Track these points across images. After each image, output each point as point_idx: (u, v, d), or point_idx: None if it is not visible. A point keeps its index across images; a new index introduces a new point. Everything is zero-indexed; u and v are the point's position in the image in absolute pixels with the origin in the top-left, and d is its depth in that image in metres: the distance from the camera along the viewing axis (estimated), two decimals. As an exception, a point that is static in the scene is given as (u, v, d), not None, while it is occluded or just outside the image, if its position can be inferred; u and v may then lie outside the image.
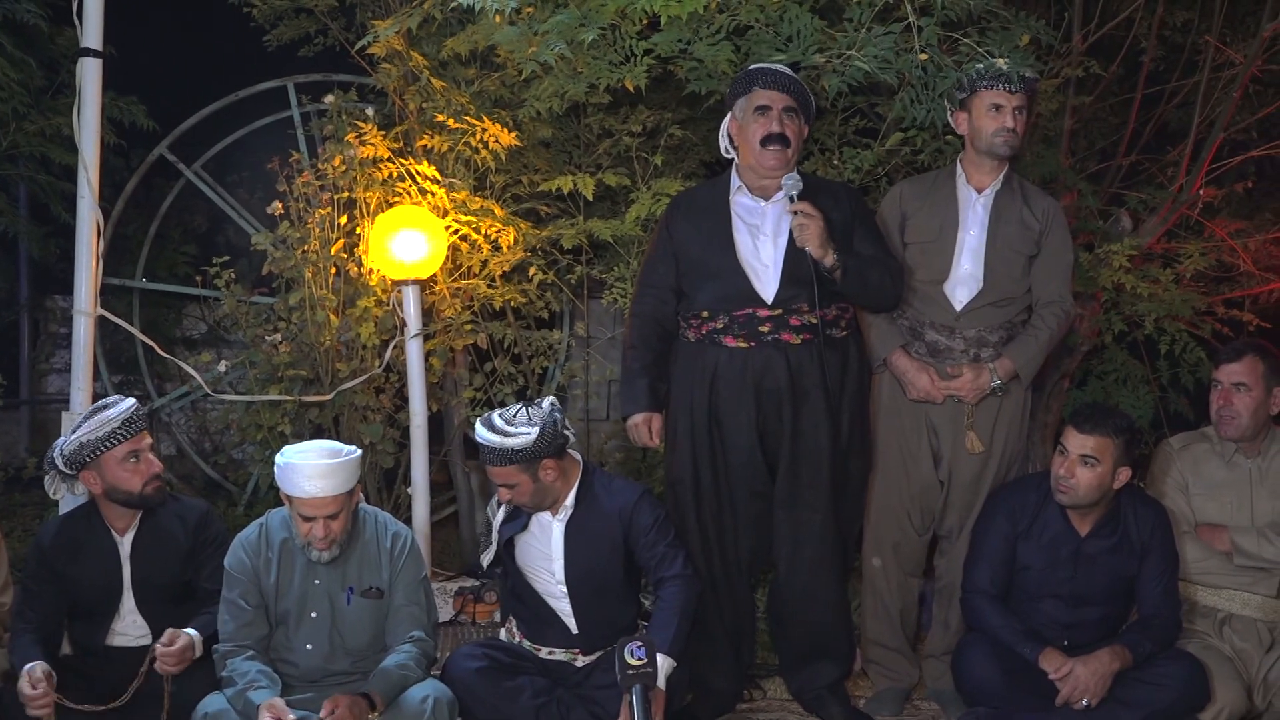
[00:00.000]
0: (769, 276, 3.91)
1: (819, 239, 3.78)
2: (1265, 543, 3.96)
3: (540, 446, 3.67)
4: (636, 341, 4.04)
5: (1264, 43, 4.63)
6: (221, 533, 3.88)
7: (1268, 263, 5.00)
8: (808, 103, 3.95)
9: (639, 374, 4.01)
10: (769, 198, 3.95)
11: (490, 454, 3.69)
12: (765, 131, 3.86)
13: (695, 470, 4.00)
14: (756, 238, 3.94)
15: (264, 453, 4.99)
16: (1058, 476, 3.82)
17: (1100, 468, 3.78)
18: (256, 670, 3.51)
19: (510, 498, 3.76)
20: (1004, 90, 3.90)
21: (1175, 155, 5.05)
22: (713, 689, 4.08)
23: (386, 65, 4.89)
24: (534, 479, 3.71)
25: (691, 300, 3.99)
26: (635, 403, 4.01)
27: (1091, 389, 5.08)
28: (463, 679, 3.68)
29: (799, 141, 3.93)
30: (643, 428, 4.00)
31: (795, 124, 3.89)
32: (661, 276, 4.04)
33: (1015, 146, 3.98)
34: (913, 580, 4.26)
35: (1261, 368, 4.00)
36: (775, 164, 3.87)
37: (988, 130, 3.96)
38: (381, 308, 4.84)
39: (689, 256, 3.99)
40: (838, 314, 3.97)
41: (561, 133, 5.15)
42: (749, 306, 3.90)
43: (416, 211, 4.62)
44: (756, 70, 3.91)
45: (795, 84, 3.89)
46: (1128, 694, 3.74)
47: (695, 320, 3.98)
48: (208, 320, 6.69)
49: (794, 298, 3.89)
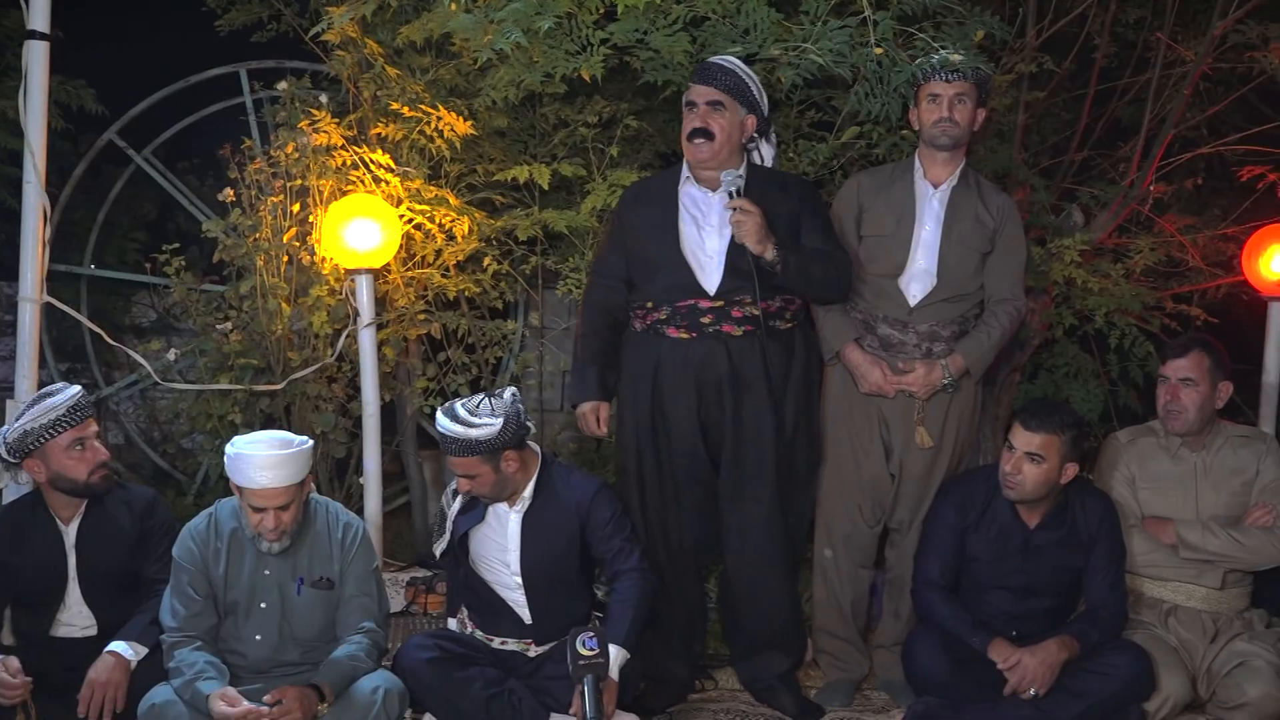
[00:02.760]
0: (712, 268, 3.93)
1: (756, 235, 3.80)
2: (1209, 536, 4.00)
3: (503, 438, 3.66)
4: (587, 330, 4.06)
5: (1214, 41, 4.69)
6: (168, 520, 3.84)
7: (1215, 259, 5.05)
8: (745, 94, 3.94)
9: (588, 362, 4.03)
10: (716, 189, 3.96)
11: (452, 444, 3.66)
12: (689, 127, 3.91)
13: (640, 460, 4.03)
14: (701, 229, 3.96)
15: (214, 442, 4.95)
16: (1004, 473, 3.85)
17: (1046, 464, 3.80)
18: (204, 661, 3.48)
19: (470, 488, 3.75)
20: (940, 80, 3.91)
21: (1126, 151, 5.09)
22: (665, 679, 4.09)
23: (340, 52, 4.86)
24: (495, 470, 3.70)
25: (639, 290, 4.02)
26: (584, 391, 4.03)
27: (1042, 382, 5.12)
28: (414, 669, 3.66)
29: (732, 134, 3.93)
30: (590, 416, 4.02)
31: (724, 117, 3.90)
32: (613, 266, 4.06)
33: (956, 137, 3.98)
34: (863, 571, 4.27)
35: (1208, 363, 4.04)
36: (702, 156, 3.91)
37: (927, 121, 3.98)
38: (334, 296, 4.81)
39: (637, 246, 4.01)
40: (782, 306, 3.98)
41: (517, 122, 5.13)
42: (691, 297, 3.92)
43: (370, 200, 4.59)
44: (698, 65, 3.96)
45: (727, 77, 3.90)
46: (1075, 683, 3.77)
47: (642, 311, 4.01)
48: (157, 308, 6.63)
49: (737, 289, 3.90)
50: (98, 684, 3.48)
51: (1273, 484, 4.08)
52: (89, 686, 3.48)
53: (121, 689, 3.51)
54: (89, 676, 3.49)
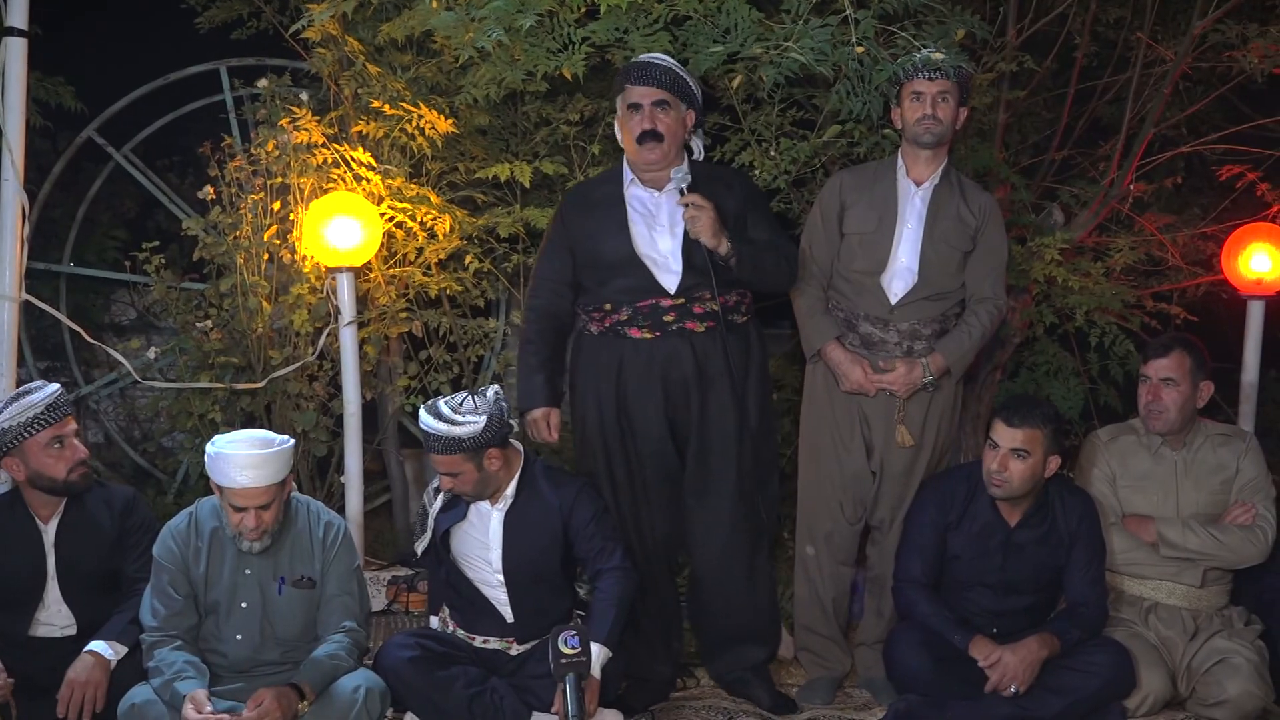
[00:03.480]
0: (670, 267, 3.93)
1: (711, 229, 3.80)
2: (1190, 534, 4.02)
3: (487, 435, 3.66)
4: (533, 336, 4.05)
5: (1194, 40, 4.69)
6: (149, 519, 3.83)
7: (1195, 257, 5.06)
8: (686, 91, 3.93)
9: (536, 369, 4.02)
10: (662, 188, 3.97)
11: (435, 442, 3.66)
12: (639, 129, 3.89)
13: (608, 463, 4.03)
14: (653, 229, 3.96)
15: (194, 441, 4.94)
16: (990, 471, 3.86)
17: (1032, 458, 3.82)
18: (184, 660, 3.47)
19: (453, 486, 3.74)
20: (923, 78, 3.92)
21: (1107, 150, 5.09)
22: (647, 678, 4.10)
23: (321, 50, 4.84)
24: (479, 468, 3.69)
25: (594, 294, 4.01)
26: (533, 398, 4.01)
27: (1023, 380, 5.13)
28: (395, 668, 3.66)
29: (678, 132, 3.93)
30: (541, 423, 4.02)
31: (670, 115, 3.90)
32: (557, 270, 4.05)
33: (940, 135, 3.98)
34: (845, 569, 4.28)
35: (1189, 363, 4.05)
36: (653, 158, 3.91)
37: (910, 119, 3.98)
38: (315, 295, 4.80)
39: (586, 250, 4.00)
40: (738, 300, 4.01)
41: (498, 120, 5.11)
42: (652, 297, 3.93)
43: (351, 198, 4.58)
44: (629, 66, 3.94)
45: (666, 75, 3.88)
46: (1055, 681, 3.79)
47: (598, 313, 4.00)
48: (137, 306, 6.59)
49: (696, 286, 3.92)
50: (77, 684, 3.47)
51: (1252, 482, 4.10)
52: (68, 686, 3.46)
53: (101, 688, 3.49)
54: (68, 676, 3.48)
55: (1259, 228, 4.76)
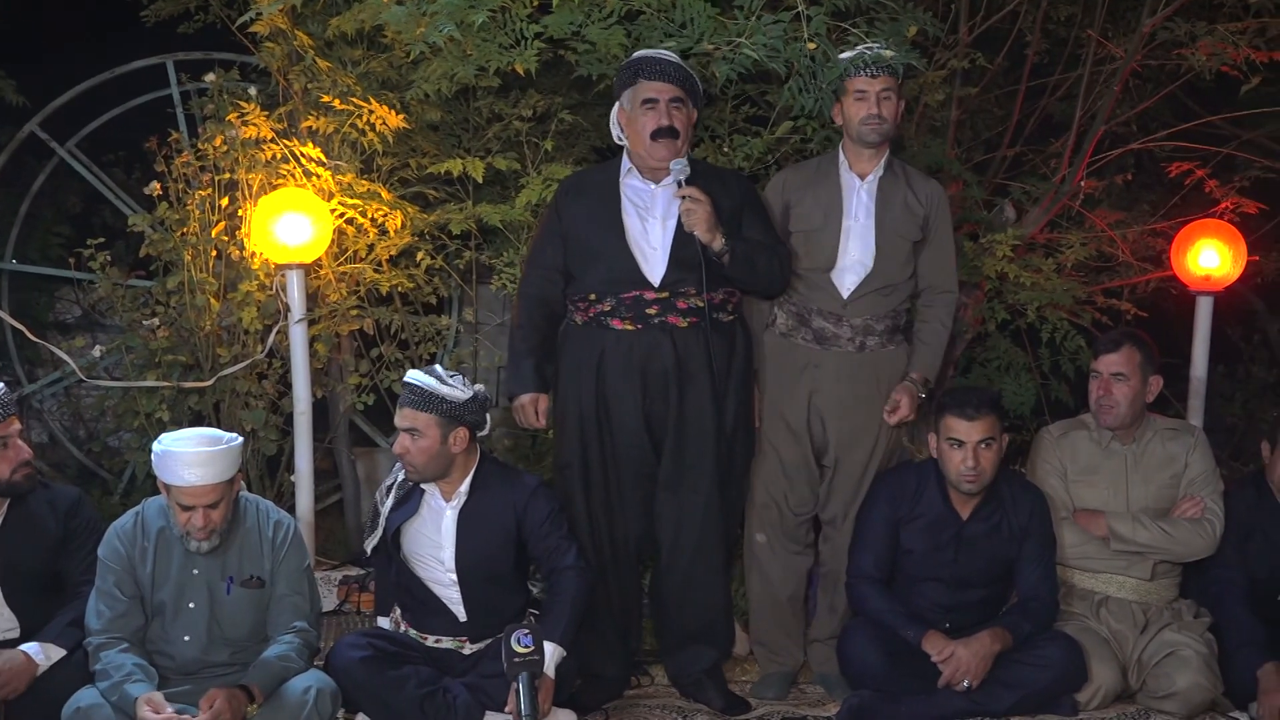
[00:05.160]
0: (657, 259, 3.91)
1: (706, 223, 3.80)
2: (1140, 527, 4.06)
3: (466, 410, 3.68)
4: (523, 322, 4.03)
5: (1144, 38, 4.73)
6: (94, 519, 3.80)
7: (1145, 254, 5.11)
8: (695, 89, 3.96)
9: (525, 355, 4.00)
10: (659, 181, 3.96)
11: (416, 395, 3.66)
12: (655, 125, 3.87)
13: (584, 454, 4.00)
14: (645, 220, 3.95)
15: (141, 440, 4.88)
16: (962, 471, 3.87)
17: (996, 444, 3.88)
18: (132, 663, 3.43)
19: (407, 451, 3.69)
20: (866, 76, 3.92)
21: (1058, 147, 5.14)
22: (601, 676, 4.08)
23: (270, 44, 4.80)
24: (442, 439, 3.68)
25: (580, 282, 3.99)
26: (521, 383, 4.00)
27: (975, 376, 5.15)
28: (346, 669, 3.63)
29: (688, 129, 3.94)
30: (529, 408, 3.99)
31: (683, 113, 3.90)
32: (550, 258, 4.03)
33: (885, 133, 3.99)
34: (798, 558, 4.25)
35: (1139, 358, 4.09)
36: (666, 155, 3.89)
37: (855, 118, 3.98)
38: (264, 292, 4.76)
39: (577, 238, 3.98)
40: (725, 298, 3.98)
41: (450, 116, 5.09)
42: (636, 289, 3.91)
43: (301, 194, 4.55)
44: (641, 60, 3.91)
45: (680, 72, 3.89)
46: (1008, 675, 3.82)
47: (583, 303, 3.98)
48: (82, 304, 6.49)
49: (681, 281, 3.90)
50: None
51: (1200, 476, 4.15)
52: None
53: (16, 686, 3.44)
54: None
55: (1208, 224, 4.82)
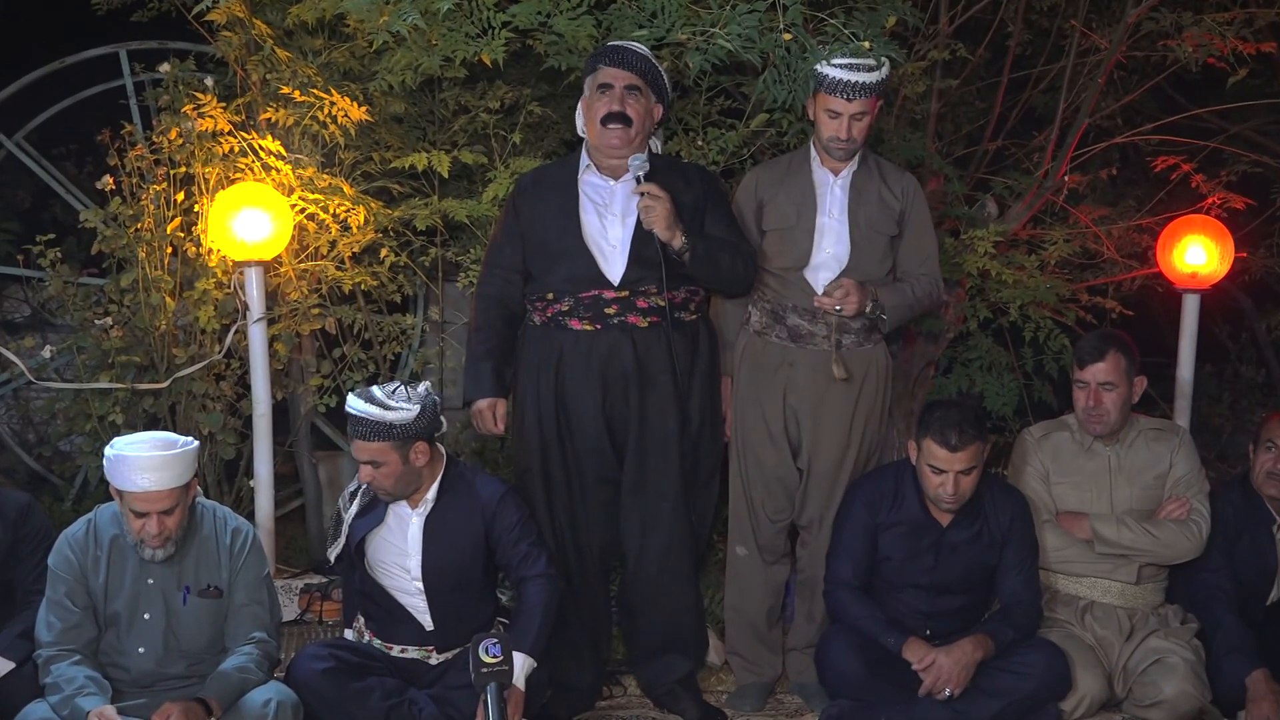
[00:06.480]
0: (616, 257, 3.87)
1: (665, 221, 3.75)
2: (1124, 529, 4.03)
3: (418, 426, 3.63)
4: (481, 324, 3.99)
5: (1128, 29, 4.71)
6: (44, 527, 3.77)
7: (1130, 250, 5.10)
8: (659, 82, 3.91)
9: (483, 358, 3.96)
10: (618, 177, 3.92)
11: (363, 427, 3.61)
12: (606, 110, 3.83)
13: (544, 458, 3.96)
14: (604, 218, 3.90)
15: (94, 444, 4.79)
16: (943, 496, 3.83)
17: (977, 469, 3.83)
18: (84, 676, 3.38)
19: (373, 479, 3.67)
20: (840, 99, 3.86)
21: (1041, 141, 5.14)
22: (571, 686, 4.04)
23: (227, 33, 4.72)
24: (404, 460, 3.65)
25: (538, 282, 3.95)
26: (479, 387, 3.96)
27: (956, 376, 5.13)
28: (308, 681, 3.61)
29: (645, 121, 3.88)
30: (487, 413, 3.95)
31: (640, 103, 3.85)
32: (508, 257, 3.99)
33: (852, 153, 3.97)
34: (775, 569, 4.23)
35: (1124, 363, 4.07)
36: (616, 143, 3.85)
37: (823, 134, 3.96)
38: (222, 290, 4.68)
39: (535, 236, 3.94)
40: (687, 296, 3.94)
41: (415, 108, 5.04)
42: (595, 288, 3.86)
43: (260, 189, 4.48)
44: (606, 48, 3.89)
45: (642, 61, 3.85)
46: (990, 683, 3.80)
47: (541, 303, 3.93)
48: (31, 303, 6.38)
49: (641, 279, 3.85)
50: None
51: (1185, 477, 4.13)
52: None
53: None
54: None
55: (1194, 220, 4.79)
